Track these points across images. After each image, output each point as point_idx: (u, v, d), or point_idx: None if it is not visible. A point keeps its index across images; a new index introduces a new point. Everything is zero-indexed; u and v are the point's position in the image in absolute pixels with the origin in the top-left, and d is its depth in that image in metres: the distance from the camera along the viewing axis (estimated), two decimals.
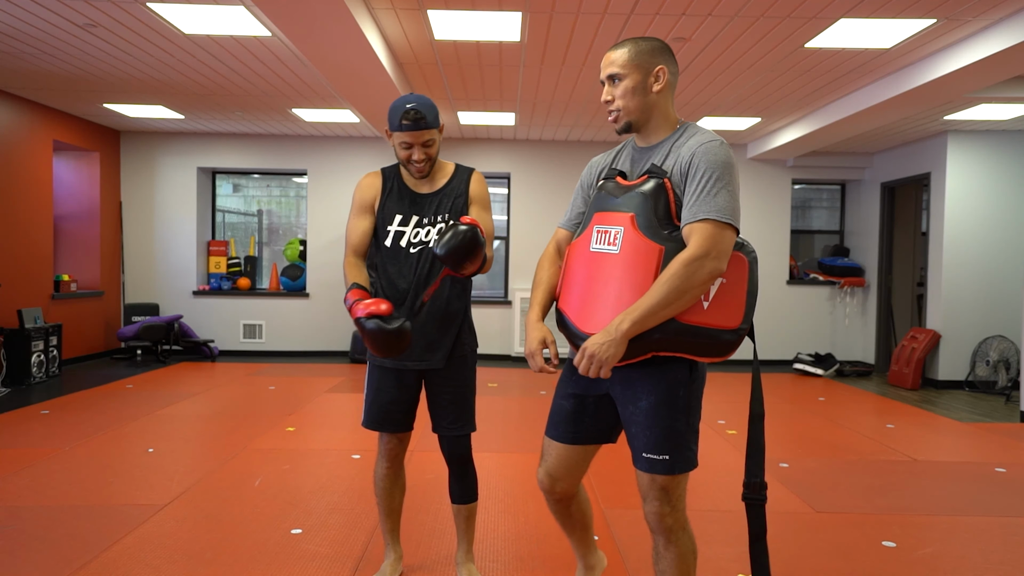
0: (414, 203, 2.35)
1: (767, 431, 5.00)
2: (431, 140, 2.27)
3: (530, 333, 1.96)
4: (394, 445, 2.44)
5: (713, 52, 4.91)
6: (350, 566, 2.66)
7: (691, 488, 3.66)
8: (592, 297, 1.84)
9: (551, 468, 2.02)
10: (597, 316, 1.80)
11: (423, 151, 2.27)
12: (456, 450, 2.42)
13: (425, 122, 2.23)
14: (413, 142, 2.25)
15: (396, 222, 2.35)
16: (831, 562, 2.79)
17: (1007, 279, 7.12)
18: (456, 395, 2.38)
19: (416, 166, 2.29)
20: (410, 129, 2.22)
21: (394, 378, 2.38)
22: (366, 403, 2.42)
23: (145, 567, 2.61)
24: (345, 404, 5.67)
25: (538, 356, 1.94)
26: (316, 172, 8.45)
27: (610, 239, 1.83)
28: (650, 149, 1.91)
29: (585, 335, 1.81)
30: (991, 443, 4.82)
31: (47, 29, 4.67)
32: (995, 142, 7.12)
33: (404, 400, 2.39)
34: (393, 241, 2.34)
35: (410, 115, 2.21)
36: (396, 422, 2.40)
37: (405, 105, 2.23)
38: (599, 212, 1.89)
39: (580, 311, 1.87)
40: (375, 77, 5.03)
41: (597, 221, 1.88)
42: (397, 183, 2.39)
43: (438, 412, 2.40)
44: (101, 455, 4.05)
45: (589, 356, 1.73)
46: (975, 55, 4.42)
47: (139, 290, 8.35)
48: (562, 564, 2.72)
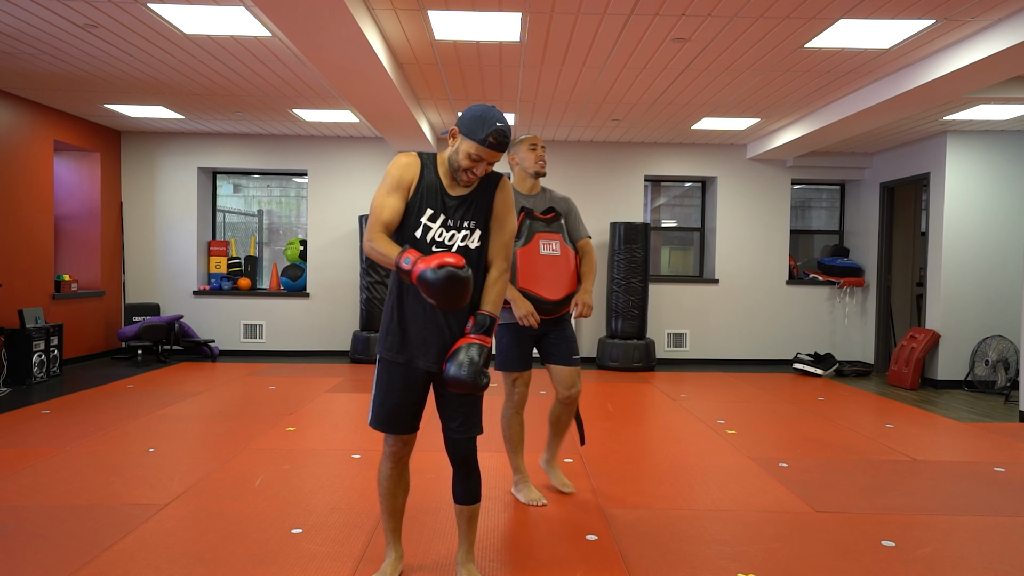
0: (444, 203, 2.33)
1: (767, 431, 5.00)
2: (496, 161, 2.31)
3: (524, 302, 3.22)
4: (399, 447, 2.44)
5: (713, 52, 4.91)
6: (350, 566, 2.66)
7: (691, 488, 3.67)
8: (551, 280, 3.29)
9: (524, 388, 3.41)
10: (556, 290, 3.29)
11: (485, 168, 2.28)
12: (462, 451, 2.41)
13: (506, 147, 2.26)
14: (486, 159, 2.25)
15: (427, 216, 2.32)
16: (831, 562, 2.79)
17: (1006, 279, 7.13)
18: (466, 397, 2.37)
19: (470, 176, 2.29)
20: (493, 149, 2.22)
21: (404, 377, 2.36)
22: (374, 403, 2.41)
23: (145, 567, 2.61)
24: (345, 404, 5.68)
25: (532, 315, 3.20)
26: (316, 172, 8.46)
27: (552, 248, 3.33)
28: (539, 196, 3.44)
29: (553, 302, 3.28)
30: (990, 443, 4.83)
31: (47, 29, 4.68)
32: (994, 142, 7.12)
33: (412, 401, 2.38)
34: (422, 233, 2.32)
35: (499, 136, 2.21)
36: (404, 424, 2.39)
37: (496, 123, 2.21)
38: (540, 233, 3.33)
39: (547, 289, 3.28)
40: (375, 77, 5.03)
41: (541, 238, 3.32)
42: (434, 176, 2.35)
43: (448, 414, 2.39)
44: (101, 455, 4.06)
45: (589, 306, 3.32)
46: (974, 55, 4.43)
47: (140, 290, 8.36)
48: (562, 564, 2.72)
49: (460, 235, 2.33)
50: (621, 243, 7.92)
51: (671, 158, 8.56)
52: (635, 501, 3.46)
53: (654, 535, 3.02)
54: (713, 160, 8.55)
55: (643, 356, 7.88)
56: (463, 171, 2.28)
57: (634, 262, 7.89)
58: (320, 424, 4.96)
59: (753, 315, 8.57)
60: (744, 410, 5.77)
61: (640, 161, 8.54)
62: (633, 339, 7.92)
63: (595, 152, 8.51)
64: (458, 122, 2.29)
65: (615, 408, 5.74)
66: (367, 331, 7.96)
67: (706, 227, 8.89)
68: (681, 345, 8.58)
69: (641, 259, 7.91)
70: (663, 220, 9.19)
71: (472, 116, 2.24)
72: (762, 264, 8.56)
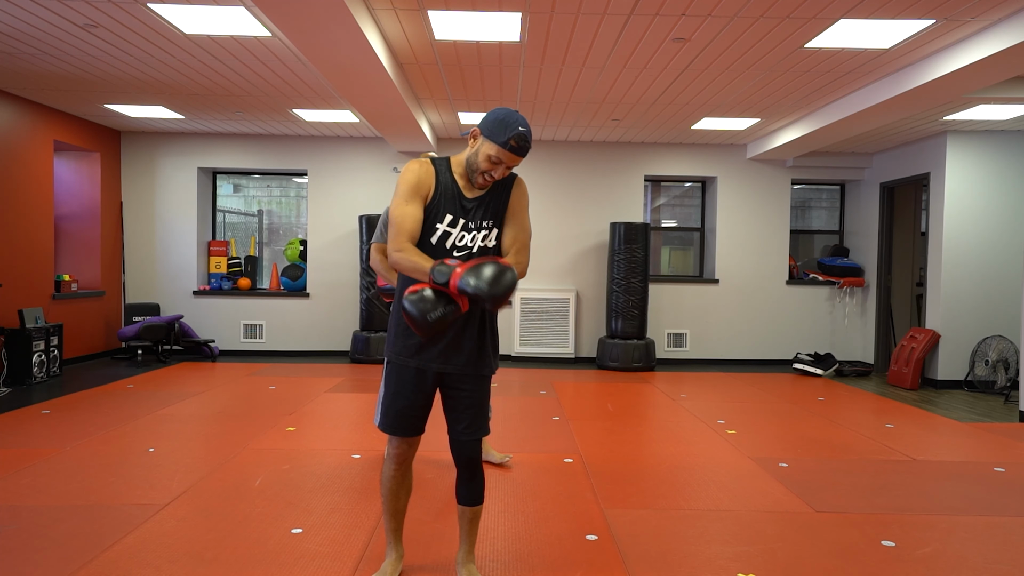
0: (462, 206, 2.32)
1: (767, 431, 5.00)
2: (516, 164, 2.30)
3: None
4: (404, 449, 2.43)
5: (713, 52, 4.91)
6: (350, 566, 2.66)
7: (691, 488, 3.67)
8: None
9: None
10: None
11: (503, 171, 2.27)
12: (467, 453, 2.40)
13: (527, 152, 2.26)
14: (506, 163, 2.25)
15: (447, 222, 2.30)
16: (831, 562, 2.79)
17: (1006, 279, 7.13)
18: (474, 400, 2.36)
19: (487, 179, 2.28)
20: (514, 153, 2.22)
21: (413, 380, 2.35)
22: (383, 405, 2.39)
23: (146, 567, 2.61)
24: (345, 404, 5.68)
25: None
26: (316, 172, 8.46)
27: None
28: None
29: None
30: (990, 443, 4.83)
31: (47, 29, 4.68)
32: (994, 142, 7.12)
33: (421, 404, 2.37)
34: (439, 240, 2.31)
35: (520, 141, 2.21)
36: (411, 426, 2.39)
37: (518, 127, 2.20)
38: None
39: None
40: (375, 77, 5.03)
41: None
42: (451, 180, 2.34)
43: (456, 416, 2.38)
44: (101, 455, 4.06)
45: None
46: (974, 55, 4.43)
47: (140, 290, 8.36)
48: (562, 564, 2.72)
49: (480, 235, 2.32)
50: (621, 243, 7.91)
51: (671, 158, 8.56)
52: (635, 501, 3.46)
53: (654, 535, 3.02)
54: (713, 160, 8.55)
55: (643, 356, 7.88)
56: (481, 173, 2.27)
57: (634, 262, 7.89)
58: (320, 424, 4.96)
59: (753, 315, 8.57)
60: (744, 410, 5.77)
61: (640, 161, 8.54)
62: (633, 339, 7.92)
63: (595, 152, 8.51)
64: (480, 123, 2.28)
65: (615, 408, 5.74)
66: (367, 331, 7.96)
67: (706, 227, 8.89)
68: (681, 345, 8.58)
69: (641, 259, 7.91)
70: (663, 220, 9.19)
71: (495, 119, 2.24)
72: (762, 264, 8.56)
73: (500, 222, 2.37)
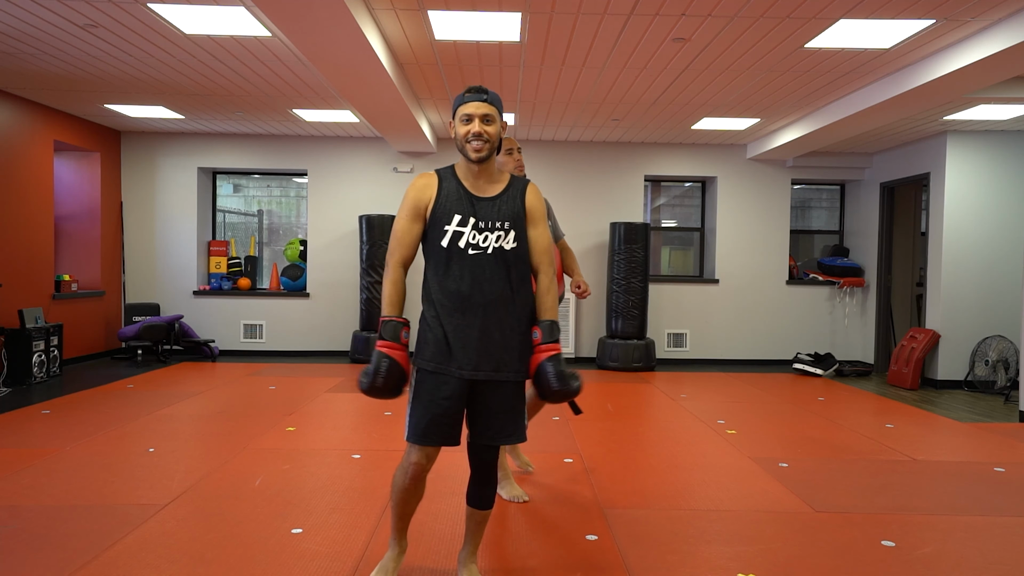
0: (473, 206, 2.31)
1: (767, 431, 5.00)
2: (491, 116, 2.29)
3: None
4: (424, 462, 2.33)
5: (713, 52, 4.91)
6: (350, 566, 2.66)
7: (691, 488, 3.67)
8: None
9: None
10: None
11: (482, 126, 2.27)
12: (486, 457, 2.39)
13: (487, 96, 2.30)
14: (474, 113, 2.27)
15: (455, 222, 2.30)
16: (831, 562, 2.79)
17: (1006, 279, 7.13)
18: (505, 406, 2.32)
19: (474, 144, 2.27)
20: (472, 100, 2.29)
21: (446, 387, 2.27)
22: (413, 416, 2.30)
23: (145, 567, 2.61)
24: (345, 404, 5.68)
25: None
26: (316, 172, 8.46)
27: None
28: None
29: None
30: (990, 443, 4.83)
31: (47, 29, 4.68)
32: (994, 142, 7.12)
33: (456, 410, 2.29)
34: (451, 241, 2.29)
35: (472, 88, 2.31)
36: (447, 434, 2.29)
37: (469, 86, 2.36)
38: None
39: None
40: (375, 77, 5.03)
41: None
42: (455, 184, 2.35)
43: (483, 421, 2.32)
44: (101, 455, 4.06)
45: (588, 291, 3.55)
46: (974, 55, 4.43)
47: (140, 290, 8.36)
48: (562, 564, 2.72)
49: (493, 236, 2.30)
50: (621, 243, 7.91)
51: (671, 158, 8.56)
52: (635, 501, 3.46)
53: (654, 535, 3.02)
54: (713, 160, 8.55)
55: (643, 356, 7.88)
56: (467, 143, 2.28)
57: (634, 262, 7.89)
58: (320, 424, 4.96)
59: (753, 315, 8.57)
60: (744, 410, 5.77)
61: (640, 161, 8.54)
62: (633, 339, 7.92)
63: (595, 152, 8.51)
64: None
65: (615, 408, 5.74)
66: (367, 331, 7.96)
67: (706, 227, 8.89)
68: (681, 345, 8.59)
69: (641, 259, 7.91)
70: (663, 220, 9.19)
71: (455, 100, 2.36)
72: (762, 264, 8.56)
73: (518, 226, 2.34)
